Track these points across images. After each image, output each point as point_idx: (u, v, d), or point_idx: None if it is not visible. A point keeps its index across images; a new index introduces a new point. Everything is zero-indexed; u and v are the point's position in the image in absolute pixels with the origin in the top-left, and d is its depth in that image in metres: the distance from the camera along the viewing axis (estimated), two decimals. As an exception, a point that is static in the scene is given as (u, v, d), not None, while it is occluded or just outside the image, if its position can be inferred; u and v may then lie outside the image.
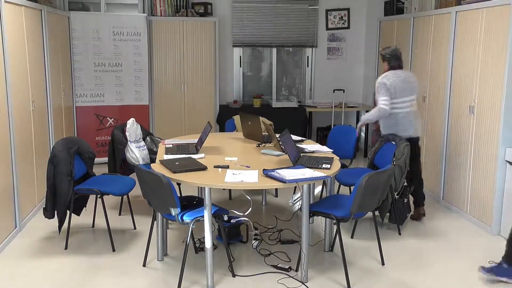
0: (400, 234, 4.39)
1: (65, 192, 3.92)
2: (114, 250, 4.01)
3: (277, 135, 4.15)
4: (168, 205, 3.28)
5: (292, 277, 3.57)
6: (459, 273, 3.72)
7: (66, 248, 4.04)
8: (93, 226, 4.53)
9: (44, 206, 4.03)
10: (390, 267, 3.78)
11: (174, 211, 3.30)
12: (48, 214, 4.01)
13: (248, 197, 4.63)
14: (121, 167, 4.76)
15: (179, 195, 4.40)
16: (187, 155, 3.95)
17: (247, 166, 3.68)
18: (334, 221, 3.48)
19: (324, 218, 3.82)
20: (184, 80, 6.97)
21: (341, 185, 4.73)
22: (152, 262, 3.83)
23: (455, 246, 4.21)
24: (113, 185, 4.13)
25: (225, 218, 4.03)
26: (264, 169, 3.46)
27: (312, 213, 3.55)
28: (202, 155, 3.99)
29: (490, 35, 4.37)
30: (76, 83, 6.43)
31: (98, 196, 4.03)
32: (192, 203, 3.67)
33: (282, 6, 7.39)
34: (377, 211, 4.33)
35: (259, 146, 4.47)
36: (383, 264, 3.81)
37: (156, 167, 3.61)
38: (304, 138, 4.76)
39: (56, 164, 3.92)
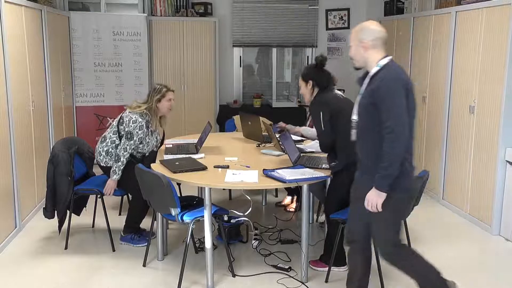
0: None
1: (65, 192, 3.92)
2: (114, 250, 4.01)
3: (277, 135, 4.15)
4: (168, 205, 3.29)
5: (292, 277, 3.57)
6: (460, 273, 3.72)
7: (66, 248, 4.04)
8: (93, 226, 4.53)
9: (44, 206, 4.03)
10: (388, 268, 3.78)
11: (174, 211, 3.30)
12: (48, 214, 4.01)
13: (248, 197, 4.62)
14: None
15: (179, 195, 4.40)
16: (187, 155, 3.95)
17: (247, 166, 3.68)
18: None
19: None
20: (184, 80, 6.96)
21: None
22: (152, 262, 3.83)
23: (455, 246, 4.21)
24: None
25: (225, 218, 4.03)
26: (264, 169, 3.46)
27: (344, 221, 3.32)
28: (202, 155, 3.99)
29: (490, 35, 4.37)
30: (76, 83, 6.43)
31: (98, 196, 4.04)
32: (192, 203, 3.67)
33: (282, 6, 7.38)
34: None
35: (259, 146, 4.47)
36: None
37: (156, 167, 3.61)
38: (304, 138, 4.76)
39: (56, 164, 3.92)
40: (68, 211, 4.03)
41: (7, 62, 4.11)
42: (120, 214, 4.82)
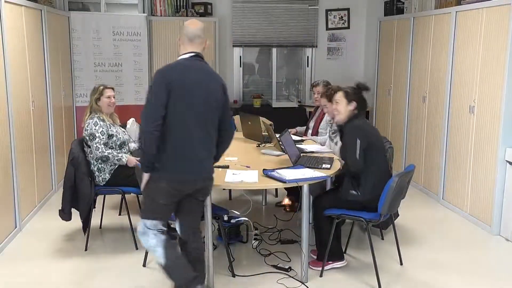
0: (383, 239, 4.29)
1: (88, 193, 3.90)
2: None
3: (277, 135, 4.15)
4: (168, 205, 3.28)
5: (292, 277, 3.57)
6: (460, 274, 3.72)
7: (86, 249, 4.03)
8: (100, 227, 4.51)
9: (60, 208, 3.99)
10: (384, 266, 3.78)
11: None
12: (66, 216, 3.98)
13: (248, 197, 4.63)
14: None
15: (179, 195, 4.39)
16: (187, 155, 3.93)
17: (247, 166, 3.68)
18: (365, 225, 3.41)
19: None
20: (184, 80, 6.95)
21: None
22: (152, 262, 3.82)
23: (455, 247, 4.21)
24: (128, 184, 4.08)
25: (225, 218, 4.02)
26: (264, 169, 3.46)
27: (338, 216, 3.50)
28: (202, 155, 3.97)
29: (490, 35, 4.37)
30: (76, 83, 6.43)
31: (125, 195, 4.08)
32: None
33: (282, 6, 7.39)
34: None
35: (259, 146, 4.47)
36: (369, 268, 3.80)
37: (156, 167, 3.60)
38: (304, 138, 4.76)
39: (77, 165, 3.90)
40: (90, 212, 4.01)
41: (7, 62, 4.11)
42: (120, 214, 4.82)
